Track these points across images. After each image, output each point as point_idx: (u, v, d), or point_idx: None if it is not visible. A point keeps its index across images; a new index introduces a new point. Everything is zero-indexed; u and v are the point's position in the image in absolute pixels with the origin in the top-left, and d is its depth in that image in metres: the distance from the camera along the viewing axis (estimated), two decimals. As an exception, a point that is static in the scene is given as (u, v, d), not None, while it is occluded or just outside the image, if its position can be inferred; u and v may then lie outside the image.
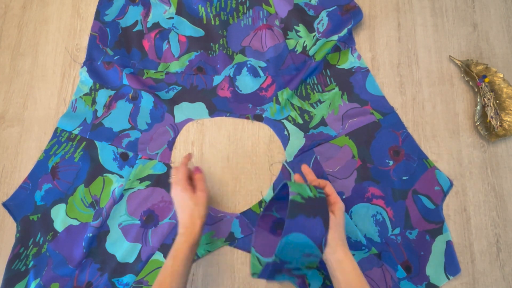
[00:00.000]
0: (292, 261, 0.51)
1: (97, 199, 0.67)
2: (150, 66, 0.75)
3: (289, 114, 0.72)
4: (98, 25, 0.77)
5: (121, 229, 0.66)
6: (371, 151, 0.68)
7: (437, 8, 0.77)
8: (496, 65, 0.73)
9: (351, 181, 0.67)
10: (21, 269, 0.64)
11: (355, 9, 0.75)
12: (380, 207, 0.65)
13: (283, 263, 0.51)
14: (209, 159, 0.70)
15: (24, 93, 0.75)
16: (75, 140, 0.71)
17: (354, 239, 0.63)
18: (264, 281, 0.63)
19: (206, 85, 0.74)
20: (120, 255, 0.64)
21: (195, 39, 0.77)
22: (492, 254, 0.64)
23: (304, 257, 0.51)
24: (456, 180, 0.68)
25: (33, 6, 0.81)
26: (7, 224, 0.68)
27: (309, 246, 0.50)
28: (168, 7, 0.79)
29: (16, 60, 0.77)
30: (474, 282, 0.63)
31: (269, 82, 0.74)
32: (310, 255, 0.50)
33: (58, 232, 0.66)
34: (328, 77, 0.74)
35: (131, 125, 0.72)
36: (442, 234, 0.64)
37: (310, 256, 0.51)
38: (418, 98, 0.72)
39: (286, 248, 0.49)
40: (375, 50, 0.75)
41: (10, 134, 0.73)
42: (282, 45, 0.75)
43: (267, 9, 0.78)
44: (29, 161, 0.71)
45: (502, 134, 0.67)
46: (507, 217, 0.66)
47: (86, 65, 0.74)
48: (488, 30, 0.75)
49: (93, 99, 0.73)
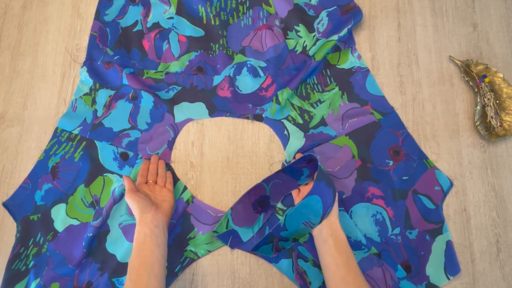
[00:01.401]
0: (290, 228, 0.58)
1: (97, 199, 0.67)
2: (150, 66, 0.75)
3: (289, 114, 0.72)
4: (98, 25, 0.77)
5: (121, 228, 0.66)
6: (371, 151, 0.68)
7: (437, 8, 0.77)
8: (496, 65, 0.73)
9: (351, 181, 0.67)
10: (21, 269, 0.64)
11: (355, 9, 0.75)
12: (380, 207, 0.65)
13: (282, 230, 0.58)
14: (209, 159, 0.70)
15: (24, 93, 0.75)
16: (75, 140, 0.71)
17: (354, 239, 0.63)
18: (264, 281, 0.64)
19: (206, 85, 0.74)
20: (120, 255, 0.64)
21: (195, 39, 0.77)
22: (492, 254, 0.64)
23: (302, 225, 0.58)
24: (456, 180, 0.68)
25: (33, 6, 0.81)
26: (7, 224, 0.68)
27: (317, 212, 0.57)
28: (168, 7, 0.79)
29: (16, 60, 0.77)
30: (474, 282, 0.63)
31: (269, 82, 0.74)
32: (309, 223, 0.58)
33: (58, 232, 0.66)
34: (328, 77, 0.74)
35: (131, 125, 0.72)
36: (442, 234, 0.64)
37: (307, 225, 0.58)
38: (418, 98, 0.72)
39: (301, 209, 0.56)
40: (375, 50, 0.75)
41: (10, 134, 0.73)
42: (282, 45, 0.75)
43: (267, 9, 0.78)
44: (29, 161, 0.71)
45: (502, 134, 0.67)
46: (507, 217, 0.66)
47: (86, 65, 0.75)
48: (488, 30, 0.75)
49: (93, 99, 0.73)
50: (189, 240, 0.65)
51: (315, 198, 0.56)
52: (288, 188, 0.66)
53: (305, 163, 0.63)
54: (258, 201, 0.65)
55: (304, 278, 0.62)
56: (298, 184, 0.66)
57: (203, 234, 0.65)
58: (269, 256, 0.62)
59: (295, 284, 0.63)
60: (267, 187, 0.65)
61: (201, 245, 0.65)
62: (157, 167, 0.68)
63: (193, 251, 0.65)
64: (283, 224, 0.57)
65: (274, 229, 0.57)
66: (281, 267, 0.63)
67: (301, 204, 0.56)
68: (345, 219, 0.64)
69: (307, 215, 0.57)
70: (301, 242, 0.63)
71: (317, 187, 0.57)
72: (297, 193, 0.65)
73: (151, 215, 0.57)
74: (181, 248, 0.65)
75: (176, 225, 0.66)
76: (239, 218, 0.64)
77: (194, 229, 0.66)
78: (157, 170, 0.68)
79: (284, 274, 0.63)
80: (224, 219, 0.64)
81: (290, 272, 0.63)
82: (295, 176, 0.65)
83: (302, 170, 0.64)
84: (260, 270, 0.64)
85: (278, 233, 0.59)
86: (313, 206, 0.57)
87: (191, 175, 0.69)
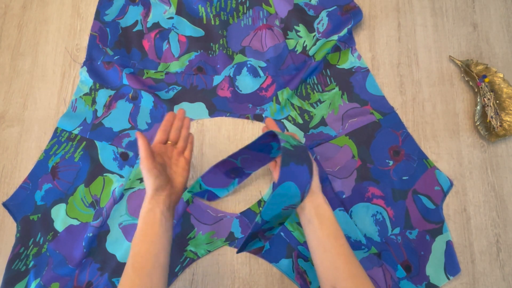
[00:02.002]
0: (271, 219, 0.50)
1: (97, 199, 0.67)
2: (150, 66, 0.75)
3: (289, 114, 0.72)
4: (98, 25, 0.77)
5: (121, 229, 0.66)
6: (371, 151, 0.68)
7: (437, 8, 0.77)
8: (496, 65, 0.73)
9: (351, 181, 0.67)
10: (21, 269, 0.64)
11: (355, 9, 0.75)
12: (380, 207, 0.66)
13: (263, 223, 0.50)
14: (209, 159, 0.70)
15: (24, 93, 0.75)
16: (75, 140, 0.71)
17: (354, 239, 0.63)
18: (264, 281, 0.63)
19: (206, 85, 0.74)
20: (120, 255, 0.64)
21: (195, 39, 0.77)
22: (492, 254, 0.64)
23: (283, 211, 0.50)
24: (456, 180, 0.68)
25: (33, 6, 0.81)
26: (7, 224, 0.68)
27: (295, 196, 0.49)
28: (168, 7, 0.79)
29: (16, 60, 0.77)
30: (474, 282, 0.63)
31: (269, 82, 0.74)
32: (290, 206, 0.50)
33: (58, 232, 0.66)
34: (328, 77, 0.74)
35: (131, 125, 0.72)
36: (442, 234, 0.64)
37: (288, 209, 0.50)
38: (418, 98, 0.72)
39: (275, 201, 0.48)
40: (375, 50, 0.75)
41: (10, 134, 0.73)
42: (282, 45, 0.75)
43: (267, 9, 0.78)
44: (29, 161, 0.71)
45: (502, 134, 0.67)
46: (507, 217, 0.66)
47: (86, 65, 0.75)
48: (488, 30, 0.75)
49: (93, 99, 0.73)
50: (189, 240, 0.65)
51: (287, 185, 0.48)
52: (261, 161, 0.62)
53: (271, 138, 0.56)
54: (230, 170, 0.63)
55: (304, 278, 0.62)
56: (271, 157, 0.61)
57: (203, 234, 0.65)
58: (259, 245, 0.57)
59: (295, 284, 0.63)
60: (237, 161, 0.61)
61: (201, 245, 0.65)
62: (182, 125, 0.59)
63: (193, 251, 0.65)
64: (262, 220, 0.50)
65: (254, 227, 0.50)
66: (281, 267, 0.63)
67: (272, 196, 0.48)
68: (345, 219, 0.64)
69: (284, 202, 0.49)
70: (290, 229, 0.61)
71: (285, 173, 0.48)
72: (273, 165, 0.62)
73: (165, 194, 0.50)
74: (181, 248, 0.65)
75: (176, 225, 0.66)
76: (211, 183, 0.63)
77: (194, 229, 0.66)
78: (180, 128, 0.58)
79: (284, 274, 0.63)
80: (195, 183, 0.63)
81: (290, 272, 0.63)
82: (265, 151, 0.60)
83: (271, 145, 0.59)
84: (260, 270, 0.64)
85: (260, 228, 0.51)
86: (288, 192, 0.49)
87: (191, 175, 0.69)
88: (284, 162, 0.48)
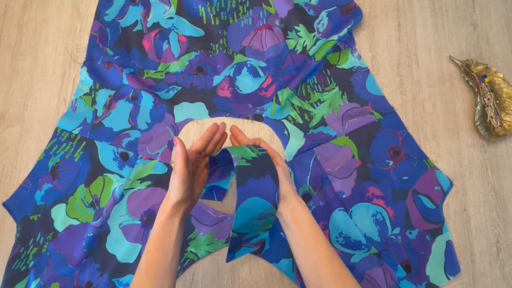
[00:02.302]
0: (249, 230, 0.48)
1: (97, 199, 0.67)
2: (150, 66, 0.75)
3: (289, 114, 0.72)
4: (98, 25, 0.77)
5: (121, 229, 0.66)
6: (371, 151, 0.68)
7: (437, 8, 0.77)
8: (496, 65, 0.73)
9: (351, 181, 0.67)
10: (21, 269, 0.64)
11: (355, 9, 0.75)
12: (380, 207, 0.66)
13: (241, 235, 0.48)
14: (209, 159, 0.70)
15: (24, 93, 0.75)
16: (75, 140, 0.71)
17: (354, 239, 0.63)
18: (264, 281, 0.63)
19: (206, 85, 0.74)
20: (120, 255, 0.64)
21: (195, 39, 0.77)
22: (492, 254, 0.64)
23: (259, 221, 0.48)
24: (456, 180, 0.68)
25: (33, 6, 0.81)
26: (7, 224, 0.68)
27: (264, 207, 0.47)
28: (168, 7, 0.79)
29: (16, 60, 0.77)
30: (474, 282, 0.63)
31: (269, 82, 0.74)
32: (266, 215, 0.48)
33: (58, 232, 0.66)
34: (328, 77, 0.74)
35: (131, 125, 0.72)
36: (442, 234, 0.64)
37: (265, 217, 0.48)
38: (418, 98, 0.72)
39: (242, 217, 0.46)
40: (375, 50, 0.75)
41: (10, 134, 0.73)
42: (282, 45, 0.75)
43: (267, 9, 0.78)
44: (29, 161, 0.71)
45: (502, 134, 0.67)
46: (507, 217, 0.66)
47: (86, 65, 0.75)
48: (488, 30, 0.75)
49: (93, 99, 0.73)
50: (189, 241, 0.65)
51: (250, 201, 0.45)
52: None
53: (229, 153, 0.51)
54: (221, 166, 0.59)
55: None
56: None
57: (203, 235, 0.65)
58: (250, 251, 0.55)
59: (295, 283, 0.63)
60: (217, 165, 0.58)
61: (202, 246, 0.65)
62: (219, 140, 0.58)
63: (194, 252, 0.65)
64: (237, 234, 0.47)
65: (231, 241, 0.48)
66: (281, 267, 0.63)
67: (237, 214, 0.45)
68: (345, 219, 0.64)
69: (253, 215, 0.46)
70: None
71: (243, 192, 0.45)
72: None
73: (185, 207, 0.50)
74: (181, 249, 0.65)
75: (176, 225, 0.66)
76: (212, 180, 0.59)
77: (194, 230, 0.66)
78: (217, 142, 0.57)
79: (284, 274, 0.64)
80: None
81: (290, 272, 0.63)
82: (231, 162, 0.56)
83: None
84: (260, 270, 0.64)
85: (240, 240, 0.49)
86: (253, 206, 0.46)
87: (191, 175, 0.69)
88: (240, 182, 0.45)
